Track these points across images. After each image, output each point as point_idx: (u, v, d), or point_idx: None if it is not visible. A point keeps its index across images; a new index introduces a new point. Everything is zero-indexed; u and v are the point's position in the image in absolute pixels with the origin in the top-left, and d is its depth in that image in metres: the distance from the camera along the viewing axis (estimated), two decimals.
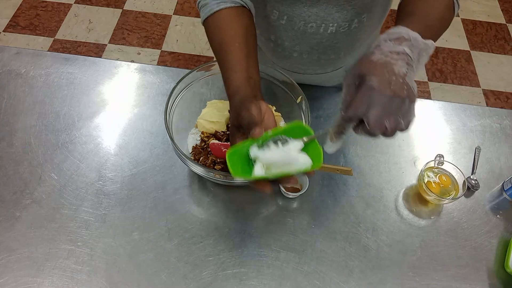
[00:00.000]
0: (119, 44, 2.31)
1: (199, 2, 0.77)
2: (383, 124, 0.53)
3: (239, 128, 0.65)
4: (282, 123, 0.94)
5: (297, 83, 0.89)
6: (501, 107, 1.91)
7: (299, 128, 0.62)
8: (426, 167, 0.89)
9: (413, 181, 0.94)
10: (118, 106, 1.02)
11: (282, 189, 0.86)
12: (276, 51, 0.94)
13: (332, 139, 0.60)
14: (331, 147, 0.61)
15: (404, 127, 0.54)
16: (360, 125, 0.55)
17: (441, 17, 0.68)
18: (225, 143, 0.86)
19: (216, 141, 0.87)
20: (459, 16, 2.66)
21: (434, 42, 0.60)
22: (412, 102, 0.53)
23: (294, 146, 0.59)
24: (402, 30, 0.56)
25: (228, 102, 0.98)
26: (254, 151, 0.60)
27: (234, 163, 0.59)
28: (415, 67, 0.55)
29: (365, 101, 0.52)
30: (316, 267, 0.81)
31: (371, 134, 0.54)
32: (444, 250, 0.85)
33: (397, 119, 0.53)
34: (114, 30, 2.37)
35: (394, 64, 0.53)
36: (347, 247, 0.84)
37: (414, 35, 0.56)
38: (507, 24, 2.64)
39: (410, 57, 0.54)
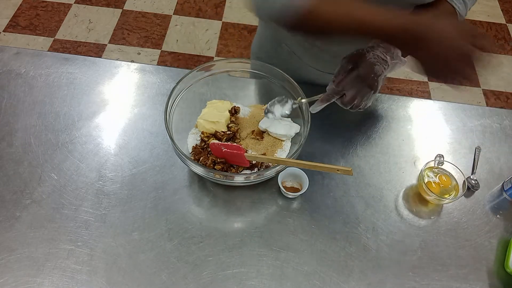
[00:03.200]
0: (119, 44, 2.31)
1: None
2: (354, 101, 0.77)
3: None
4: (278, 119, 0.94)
5: (311, 82, 0.90)
6: (501, 107, 1.91)
7: None
8: (426, 167, 0.89)
9: (413, 181, 0.94)
10: (118, 106, 1.02)
11: (282, 189, 0.86)
12: (311, 51, 0.96)
13: (320, 102, 0.82)
14: (316, 108, 0.83)
15: (363, 108, 0.79)
16: (341, 97, 0.79)
17: None
18: (225, 143, 0.86)
19: (216, 141, 0.87)
20: None
21: None
22: (375, 93, 0.78)
23: None
24: None
25: (228, 102, 0.99)
26: None
27: None
28: (388, 71, 0.77)
29: (351, 83, 0.75)
30: (316, 267, 0.81)
31: (345, 105, 0.78)
32: (444, 250, 0.85)
33: (363, 101, 0.78)
34: (114, 30, 2.37)
35: (376, 65, 0.74)
36: (347, 247, 0.84)
37: (397, 51, 0.76)
38: (507, 24, 2.64)
39: (388, 64, 0.75)
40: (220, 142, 0.85)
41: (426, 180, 0.89)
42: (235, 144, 0.86)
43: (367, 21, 0.64)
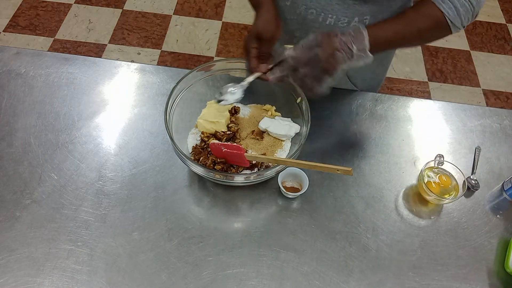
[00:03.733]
0: (119, 44, 2.31)
1: None
2: (304, 79, 0.77)
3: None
4: (278, 119, 0.94)
5: None
6: (501, 107, 1.91)
7: None
8: (426, 167, 0.89)
9: (413, 181, 0.94)
10: (118, 106, 1.02)
11: (282, 189, 0.86)
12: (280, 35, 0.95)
13: (277, 69, 0.81)
14: (272, 76, 0.82)
15: (316, 93, 0.78)
16: (293, 72, 0.78)
17: (421, 29, 0.79)
18: (225, 143, 0.86)
19: (216, 141, 0.87)
20: None
21: (407, 46, 0.88)
22: (330, 77, 0.76)
23: None
24: (364, 35, 0.74)
25: None
26: None
27: None
28: (351, 62, 0.75)
29: (307, 60, 0.75)
30: (316, 267, 0.81)
31: (295, 81, 0.79)
32: (444, 250, 0.85)
33: (315, 83, 0.77)
34: (114, 30, 2.37)
35: (340, 52, 0.73)
36: (347, 247, 0.84)
37: (366, 44, 0.74)
38: (507, 24, 2.64)
39: (353, 55, 0.74)
40: (220, 142, 0.85)
41: (426, 180, 0.89)
42: (235, 144, 0.86)
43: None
